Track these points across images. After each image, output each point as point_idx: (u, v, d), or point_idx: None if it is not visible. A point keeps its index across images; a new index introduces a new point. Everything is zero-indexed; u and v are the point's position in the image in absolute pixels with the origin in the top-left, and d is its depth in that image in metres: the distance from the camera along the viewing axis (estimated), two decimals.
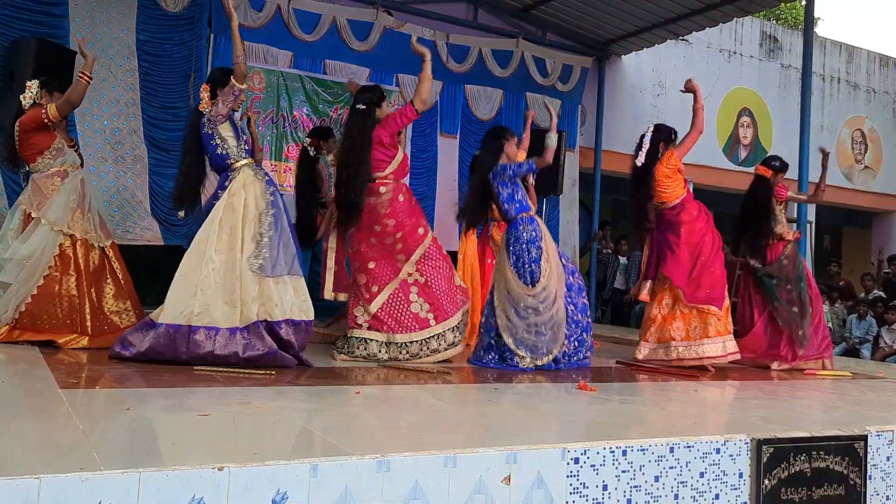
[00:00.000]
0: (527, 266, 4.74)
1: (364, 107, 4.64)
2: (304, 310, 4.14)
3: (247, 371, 3.83)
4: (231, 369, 3.83)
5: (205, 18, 7.97)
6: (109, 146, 7.53)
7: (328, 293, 4.91)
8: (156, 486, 1.91)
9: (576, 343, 4.93)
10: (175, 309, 3.89)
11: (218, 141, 4.26)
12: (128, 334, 4.01)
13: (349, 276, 4.89)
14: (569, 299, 4.95)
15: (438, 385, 4.00)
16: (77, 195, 4.52)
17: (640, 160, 5.38)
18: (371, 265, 4.69)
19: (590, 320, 5.15)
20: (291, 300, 4.08)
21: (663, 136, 5.44)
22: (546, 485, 2.43)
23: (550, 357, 4.73)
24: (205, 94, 4.26)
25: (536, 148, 5.75)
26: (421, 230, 4.75)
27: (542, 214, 9.26)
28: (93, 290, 4.48)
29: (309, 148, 5.90)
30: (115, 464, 1.95)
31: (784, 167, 5.85)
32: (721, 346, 5.20)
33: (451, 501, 2.28)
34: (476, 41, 9.76)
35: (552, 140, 4.89)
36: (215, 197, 4.21)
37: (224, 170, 4.28)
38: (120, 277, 4.68)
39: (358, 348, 4.61)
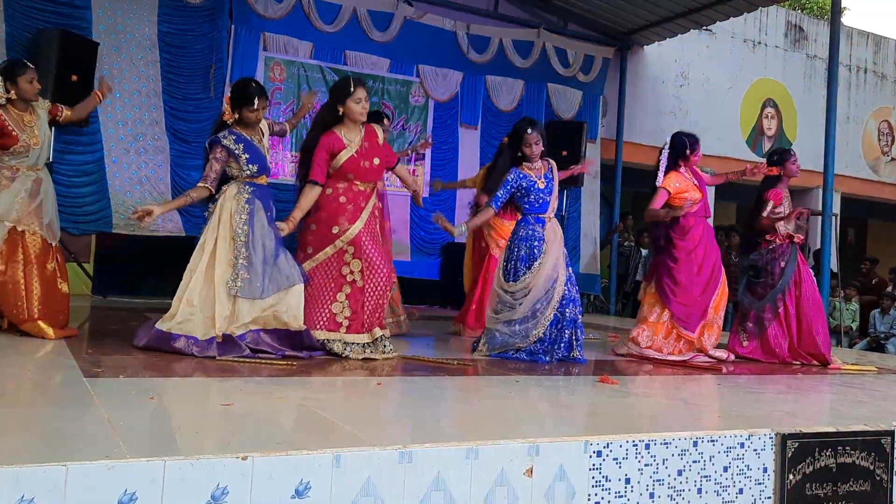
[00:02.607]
0: (513, 262, 4.84)
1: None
2: (288, 319, 4.07)
3: (268, 362, 3.88)
4: (252, 360, 3.87)
5: (226, 9, 8.00)
6: (131, 137, 7.58)
7: None
8: (180, 474, 1.92)
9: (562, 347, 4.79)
10: (170, 315, 4.02)
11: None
12: (140, 328, 4.15)
13: None
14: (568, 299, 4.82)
15: (459, 377, 3.99)
16: (26, 195, 4.44)
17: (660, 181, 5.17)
18: None
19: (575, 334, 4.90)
20: (265, 312, 4.05)
21: (679, 150, 5.21)
22: (568, 477, 2.42)
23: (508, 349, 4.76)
24: (226, 105, 4.18)
25: (552, 139, 5.71)
26: (336, 229, 4.37)
27: (562, 208, 9.20)
28: (35, 273, 4.42)
29: None
30: (140, 452, 1.96)
31: (781, 158, 5.51)
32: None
33: (472, 493, 2.28)
34: (497, 31, 9.71)
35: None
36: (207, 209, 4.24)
37: (228, 179, 4.25)
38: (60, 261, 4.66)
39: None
